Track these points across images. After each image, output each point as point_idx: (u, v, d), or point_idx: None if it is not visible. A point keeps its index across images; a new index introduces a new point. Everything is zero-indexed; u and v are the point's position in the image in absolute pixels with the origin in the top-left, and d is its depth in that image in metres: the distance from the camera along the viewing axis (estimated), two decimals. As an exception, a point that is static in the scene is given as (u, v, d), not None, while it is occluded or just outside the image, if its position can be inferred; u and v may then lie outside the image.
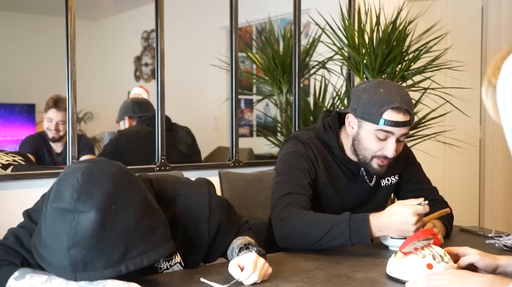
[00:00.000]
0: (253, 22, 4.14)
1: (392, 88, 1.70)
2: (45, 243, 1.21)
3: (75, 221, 1.16)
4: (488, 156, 3.76)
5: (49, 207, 1.20)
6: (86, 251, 1.16)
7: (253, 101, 4.79)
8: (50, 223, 1.19)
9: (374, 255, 1.66)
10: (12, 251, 1.30)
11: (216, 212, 1.49)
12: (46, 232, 1.21)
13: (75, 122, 2.36)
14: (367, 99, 1.70)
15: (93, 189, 1.18)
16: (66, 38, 2.32)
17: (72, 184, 1.18)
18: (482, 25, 3.75)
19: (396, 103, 1.66)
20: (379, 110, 1.67)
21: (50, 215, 1.20)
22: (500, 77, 0.86)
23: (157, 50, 2.59)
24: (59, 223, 1.17)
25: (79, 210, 1.16)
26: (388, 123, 1.67)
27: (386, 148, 1.72)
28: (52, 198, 1.21)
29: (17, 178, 2.24)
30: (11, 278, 1.25)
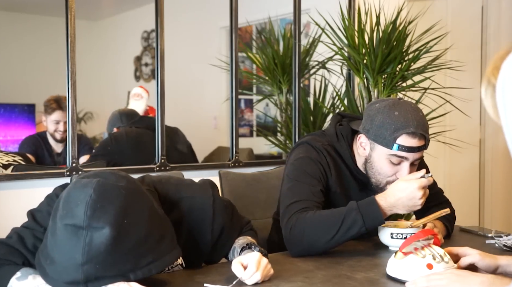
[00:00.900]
0: (253, 22, 4.14)
1: (408, 111, 1.64)
2: (53, 259, 1.20)
3: (88, 237, 1.15)
4: (488, 156, 3.76)
5: (60, 224, 1.19)
6: (99, 266, 1.16)
7: (253, 101, 4.80)
8: (61, 239, 1.19)
9: (374, 255, 1.66)
10: (15, 251, 1.30)
11: (219, 215, 1.49)
12: (56, 248, 1.19)
13: (75, 122, 2.36)
14: (381, 121, 1.65)
15: (107, 205, 1.17)
16: (66, 38, 2.32)
17: (86, 200, 1.17)
18: (482, 25, 3.75)
19: (411, 128, 1.61)
20: (393, 135, 1.62)
21: (61, 232, 1.18)
22: (499, 77, 0.86)
23: (157, 50, 2.59)
24: (71, 239, 1.16)
25: (93, 226, 1.15)
26: (402, 149, 1.63)
27: (400, 172, 1.68)
28: (62, 214, 1.19)
29: (17, 178, 2.24)
30: (13, 278, 1.24)
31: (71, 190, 1.23)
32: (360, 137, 1.74)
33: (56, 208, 1.24)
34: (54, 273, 1.20)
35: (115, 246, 1.16)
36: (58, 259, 1.19)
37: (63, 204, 1.21)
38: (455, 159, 3.74)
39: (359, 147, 1.75)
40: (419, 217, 1.83)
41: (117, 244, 1.17)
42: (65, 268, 1.17)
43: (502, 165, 3.72)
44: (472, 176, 3.80)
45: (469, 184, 3.80)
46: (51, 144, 3.25)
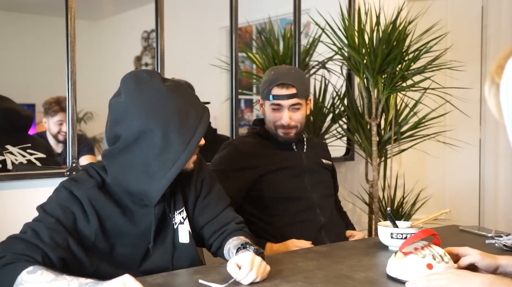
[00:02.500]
0: (253, 22, 4.14)
1: (281, 69, 2.14)
2: (182, 115, 1.43)
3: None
4: (488, 156, 3.76)
5: (164, 90, 1.43)
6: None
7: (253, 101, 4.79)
8: (175, 92, 1.45)
9: (374, 255, 1.66)
10: (32, 246, 1.32)
11: (202, 167, 1.64)
12: (178, 101, 1.44)
13: (75, 122, 2.36)
14: (263, 81, 2.11)
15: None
16: (66, 38, 2.32)
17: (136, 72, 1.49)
18: (482, 25, 3.75)
19: (280, 81, 2.04)
20: (268, 88, 2.07)
21: (168, 91, 1.44)
22: (503, 76, 0.86)
23: (157, 50, 2.59)
24: (174, 84, 1.47)
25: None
26: (276, 98, 2.06)
27: (281, 117, 2.07)
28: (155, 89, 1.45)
29: (17, 178, 2.24)
30: (24, 271, 1.26)
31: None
32: (259, 101, 2.18)
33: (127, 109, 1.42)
34: (194, 122, 1.45)
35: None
36: (185, 109, 1.45)
37: (143, 93, 1.44)
38: (455, 159, 3.74)
39: (260, 108, 2.18)
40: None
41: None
42: (193, 104, 1.48)
43: (502, 165, 3.72)
44: (472, 176, 3.80)
45: (469, 184, 3.80)
46: (51, 144, 3.26)
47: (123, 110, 1.42)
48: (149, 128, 1.40)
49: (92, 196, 1.43)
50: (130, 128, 1.40)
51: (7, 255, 1.29)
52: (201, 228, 1.61)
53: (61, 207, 1.40)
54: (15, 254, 1.29)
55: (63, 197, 1.42)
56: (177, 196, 1.57)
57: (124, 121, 1.41)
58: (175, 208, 1.55)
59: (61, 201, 1.41)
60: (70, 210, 1.40)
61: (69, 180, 1.47)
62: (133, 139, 1.41)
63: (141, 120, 1.40)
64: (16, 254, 1.29)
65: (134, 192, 1.45)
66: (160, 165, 1.41)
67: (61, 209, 1.40)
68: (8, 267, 1.27)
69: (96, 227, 1.41)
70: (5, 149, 2.49)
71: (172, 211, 1.54)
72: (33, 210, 1.44)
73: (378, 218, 2.87)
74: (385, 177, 3.10)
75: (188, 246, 1.54)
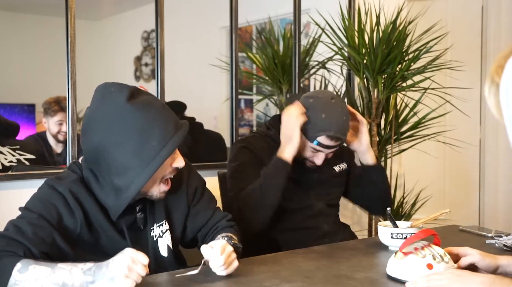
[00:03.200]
0: (253, 22, 4.14)
1: (333, 115, 1.93)
2: (145, 134, 1.34)
3: (141, 91, 1.42)
4: (488, 156, 3.75)
5: (125, 107, 1.34)
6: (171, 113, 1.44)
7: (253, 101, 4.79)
8: (138, 110, 1.35)
9: (374, 255, 1.66)
10: (14, 242, 1.30)
11: (193, 176, 1.63)
12: (139, 120, 1.35)
13: (75, 122, 2.36)
14: (309, 119, 1.93)
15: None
16: (66, 38, 2.32)
17: (110, 85, 1.41)
18: (482, 25, 3.75)
19: (331, 132, 1.91)
20: (315, 133, 1.93)
21: (130, 109, 1.35)
22: (503, 76, 0.86)
23: (157, 50, 2.59)
24: (142, 101, 1.37)
25: (133, 86, 1.41)
26: (320, 145, 1.94)
27: (316, 157, 1.99)
28: (115, 106, 1.36)
29: (17, 178, 2.24)
30: (15, 270, 1.23)
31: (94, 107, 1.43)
32: None
33: (107, 128, 1.36)
34: (158, 143, 1.35)
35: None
36: (150, 126, 1.35)
37: (104, 108, 1.38)
38: (455, 159, 3.73)
39: None
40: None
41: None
42: (163, 122, 1.37)
43: (502, 165, 3.72)
44: (472, 176, 3.80)
45: (469, 184, 3.80)
46: (51, 144, 3.26)
47: (86, 122, 1.40)
48: (105, 147, 1.34)
49: (73, 189, 1.41)
50: (89, 143, 1.38)
51: None
52: (196, 233, 1.62)
53: (43, 203, 1.39)
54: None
55: (45, 193, 1.41)
56: (157, 209, 1.53)
57: (86, 135, 1.39)
58: (154, 221, 1.52)
59: (43, 197, 1.40)
60: (53, 206, 1.38)
61: (52, 177, 1.46)
62: (93, 155, 1.38)
63: (97, 137, 1.36)
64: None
65: (100, 200, 1.43)
66: (119, 184, 1.37)
67: (43, 205, 1.38)
68: None
69: (81, 219, 1.40)
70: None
71: (150, 223, 1.51)
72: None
73: (378, 218, 2.87)
74: (385, 177, 3.09)
75: (166, 259, 1.53)
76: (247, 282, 1.37)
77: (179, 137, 1.39)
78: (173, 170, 1.46)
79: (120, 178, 1.36)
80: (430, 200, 3.28)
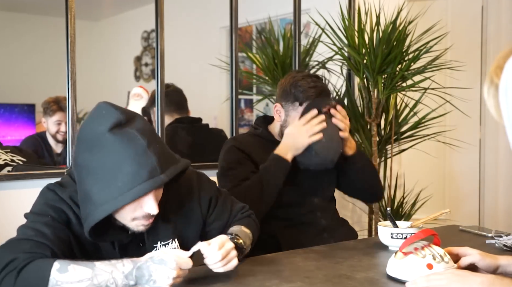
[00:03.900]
0: (253, 22, 4.14)
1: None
2: (115, 173, 1.26)
3: (137, 124, 1.31)
4: (488, 156, 3.75)
5: (104, 136, 1.28)
6: (158, 144, 1.33)
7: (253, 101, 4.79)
8: (113, 146, 1.27)
9: (374, 255, 1.66)
10: (39, 244, 1.27)
11: (204, 187, 1.59)
12: (114, 155, 1.27)
13: (75, 122, 2.36)
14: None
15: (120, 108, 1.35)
16: (66, 38, 2.32)
17: (104, 106, 1.34)
18: (482, 25, 3.74)
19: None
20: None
21: (109, 140, 1.27)
22: (502, 77, 0.86)
23: (157, 50, 2.59)
24: (123, 137, 1.28)
25: (131, 115, 1.32)
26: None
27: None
28: (99, 131, 1.29)
29: (17, 178, 2.24)
30: (53, 270, 1.21)
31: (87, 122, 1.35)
32: (276, 106, 2.09)
33: (87, 143, 1.32)
34: (122, 186, 1.26)
35: (153, 131, 1.37)
36: (121, 165, 1.26)
37: (89, 129, 1.32)
38: (455, 159, 3.73)
39: (275, 114, 2.10)
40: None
41: (153, 131, 1.38)
42: (136, 165, 1.26)
43: (502, 165, 3.72)
44: (472, 176, 3.80)
45: (469, 184, 3.80)
46: (51, 144, 3.26)
47: (77, 135, 1.39)
48: (83, 169, 1.32)
49: (74, 198, 1.38)
50: (75, 157, 1.36)
51: (19, 255, 1.22)
52: (220, 232, 1.56)
53: (51, 207, 1.36)
54: (26, 253, 1.24)
55: (50, 197, 1.39)
56: (161, 228, 1.48)
57: (76, 147, 1.39)
58: (159, 239, 1.47)
59: (50, 202, 1.38)
60: (61, 210, 1.37)
61: (54, 183, 1.44)
62: (77, 170, 1.35)
63: (80, 155, 1.33)
64: (28, 253, 1.24)
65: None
66: (82, 211, 1.33)
67: (52, 208, 1.36)
68: (29, 268, 1.21)
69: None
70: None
71: (152, 240, 1.46)
72: (32, 210, 1.43)
73: (378, 218, 2.87)
74: (385, 177, 3.09)
75: None
76: (247, 282, 1.37)
77: (151, 185, 1.27)
78: (146, 214, 1.35)
79: (82, 205, 1.32)
80: (430, 200, 3.28)
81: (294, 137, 1.97)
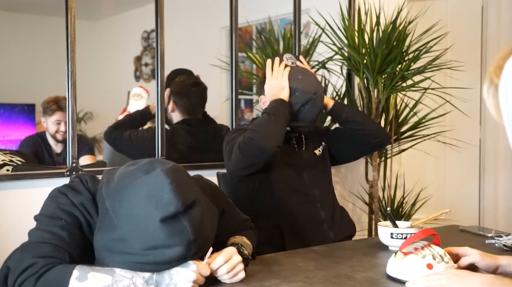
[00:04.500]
0: (253, 22, 4.14)
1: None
2: (160, 255, 1.21)
3: (188, 217, 1.22)
4: (488, 156, 3.75)
5: (155, 224, 1.19)
6: (201, 237, 1.26)
7: (253, 101, 4.79)
8: (163, 234, 1.19)
9: (374, 255, 1.66)
10: (58, 248, 1.26)
11: (219, 199, 1.54)
12: (160, 242, 1.20)
13: (75, 122, 2.36)
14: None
15: (184, 185, 1.27)
16: (66, 38, 2.32)
17: (168, 188, 1.21)
18: (482, 25, 3.75)
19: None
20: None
21: (160, 230, 1.19)
22: (502, 77, 0.86)
23: (157, 50, 2.59)
24: (174, 227, 1.20)
25: (188, 205, 1.22)
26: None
27: None
28: (147, 213, 1.20)
29: (17, 178, 2.24)
30: (73, 278, 1.19)
31: (134, 186, 1.24)
32: (261, 99, 2.21)
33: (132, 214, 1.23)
34: (160, 262, 1.21)
35: (205, 216, 1.28)
36: (165, 252, 1.20)
37: (138, 203, 1.22)
38: (455, 159, 3.73)
39: (263, 106, 2.19)
40: None
41: (206, 214, 1.29)
42: (175, 253, 1.21)
43: (502, 165, 3.72)
44: (472, 176, 3.80)
45: (469, 184, 3.80)
46: (51, 144, 3.26)
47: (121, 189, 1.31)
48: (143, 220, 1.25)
49: (87, 206, 1.36)
50: (122, 207, 1.28)
51: (39, 260, 1.21)
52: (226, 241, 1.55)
53: (64, 211, 1.34)
54: (46, 257, 1.22)
55: (63, 202, 1.36)
56: None
57: (121, 198, 1.30)
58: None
59: (63, 206, 1.35)
60: (73, 214, 1.34)
61: (65, 186, 1.41)
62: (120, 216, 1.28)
63: (136, 209, 1.25)
64: (48, 258, 1.22)
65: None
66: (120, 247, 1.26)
67: (64, 212, 1.34)
68: (49, 275, 1.20)
69: (89, 234, 1.35)
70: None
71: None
72: (32, 210, 1.43)
73: (378, 218, 2.87)
74: (385, 177, 3.09)
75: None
76: (247, 282, 1.37)
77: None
78: None
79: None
80: (430, 200, 3.28)
81: (273, 85, 2.13)
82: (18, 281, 1.19)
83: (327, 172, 2.28)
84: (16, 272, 1.20)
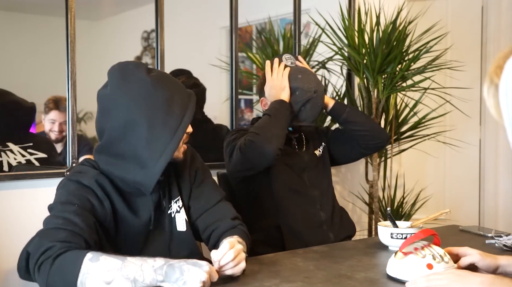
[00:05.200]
0: (253, 22, 4.13)
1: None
2: (170, 106, 1.44)
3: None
4: (488, 156, 3.75)
5: (147, 81, 1.43)
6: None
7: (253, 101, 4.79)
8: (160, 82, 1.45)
9: (374, 255, 1.66)
10: (73, 233, 1.32)
11: (195, 160, 1.68)
12: (164, 92, 1.44)
13: (75, 122, 2.36)
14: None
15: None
16: (66, 38, 2.32)
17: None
18: (482, 25, 3.75)
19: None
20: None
21: (153, 82, 1.44)
22: (502, 77, 0.86)
23: (157, 50, 2.59)
24: (159, 74, 1.49)
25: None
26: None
27: None
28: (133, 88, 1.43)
29: (17, 178, 2.24)
30: (86, 259, 1.25)
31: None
32: (262, 101, 2.24)
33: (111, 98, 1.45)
34: (179, 112, 1.45)
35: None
36: (173, 98, 1.45)
37: (128, 84, 1.44)
38: (455, 159, 3.73)
39: (264, 108, 2.20)
40: None
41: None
42: (181, 91, 1.50)
43: (502, 165, 3.72)
44: (472, 176, 3.80)
45: (469, 184, 3.80)
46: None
47: (109, 102, 1.44)
48: (135, 120, 1.41)
49: (99, 180, 1.45)
50: (116, 120, 1.42)
51: (56, 244, 1.27)
52: (196, 218, 1.62)
53: (76, 196, 1.41)
54: (62, 242, 1.28)
55: (73, 187, 1.43)
56: (172, 185, 1.59)
57: (110, 113, 1.43)
58: (171, 197, 1.58)
59: (74, 191, 1.42)
60: (85, 197, 1.42)
61: (72, 173, 1.49)
62: (120, 131, 1.42)
63: (126, 112, 1.41)
64: (64, 242, 1.28)
65: (128, 182, 1.46)
66: (149, 155, 1.42)
67: (76, 197, 1.40)
68: (65, 257, 1.26)
69: (109, 209, 1.44)
70: (6, 145, 2.47)
71: (168, 200, 1.57)
72: (32, 210, 1.43)
73: (378, 218, 2.87)
74: (385, 177, 3.09)
75: (185, 233, 1.56)
76: (247, 282, 1.37)
77: (194, 103, 1.51)
78: (187, 136, 1.54)
79: (151, 149, 1.41)
80: (430, 200, 3.28)
81: (273, 86, 2.15)
82: (38, 262, 1.26)
83: (327, 172, 2.29)
84: (36, 256, 1.27)
